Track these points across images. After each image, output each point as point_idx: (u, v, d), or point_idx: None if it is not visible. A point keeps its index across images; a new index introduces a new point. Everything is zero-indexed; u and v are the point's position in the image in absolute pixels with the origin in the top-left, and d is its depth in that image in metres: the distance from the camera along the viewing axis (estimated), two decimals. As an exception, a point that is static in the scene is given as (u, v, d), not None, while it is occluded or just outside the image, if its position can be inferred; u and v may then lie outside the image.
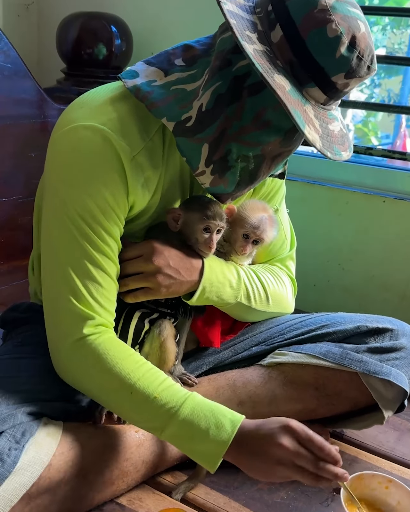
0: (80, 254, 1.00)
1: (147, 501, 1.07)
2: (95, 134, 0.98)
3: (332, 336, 1.22)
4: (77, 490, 0.99)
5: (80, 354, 1.00)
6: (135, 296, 1.09)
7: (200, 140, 1.00)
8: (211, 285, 1.13)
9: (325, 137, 0.97)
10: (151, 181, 1.05)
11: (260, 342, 1.27)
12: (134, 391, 0.96)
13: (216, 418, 0.94)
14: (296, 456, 0.90)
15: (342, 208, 1.81)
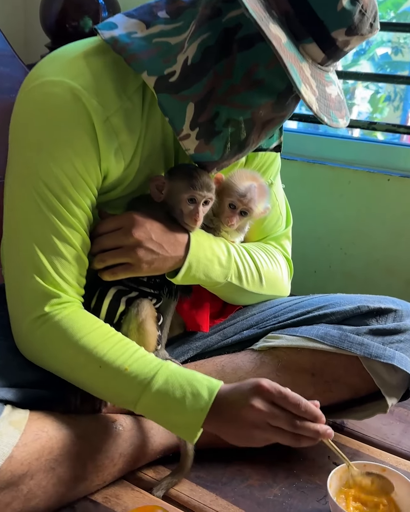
0: (46, 227, 0.91)
1: (125, 498, 0.97)
2: (63, 91, 0.88)
3: (330, 318, 1.11)
4: (44, 486, 0.89)
5: (43, 330, 0.92)
6: (113, 273, 0.99)
7: (185, 97, 0.90)
8: (198, 262, 1.03)
9: (322, 100, 0.87)
10: (128, 146, 0.95)
11: (251, 325, 1.16)
12: (103, 365, 0.89)
13: (192, 386, 0.87)
14: (270, 417, 0.84)
15: (344, 188, 1.70)
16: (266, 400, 0.85)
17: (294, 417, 0.85)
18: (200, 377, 0.89)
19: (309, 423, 0.85)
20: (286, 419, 0.84)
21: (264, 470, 1.05)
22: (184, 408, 0.86)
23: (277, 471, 1.05)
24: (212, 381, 0.88)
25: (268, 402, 0.85)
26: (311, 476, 1.04)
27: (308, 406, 0.85)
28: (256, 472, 1.05)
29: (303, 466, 1.07)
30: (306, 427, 0.85)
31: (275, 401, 0.85)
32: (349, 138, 1.83)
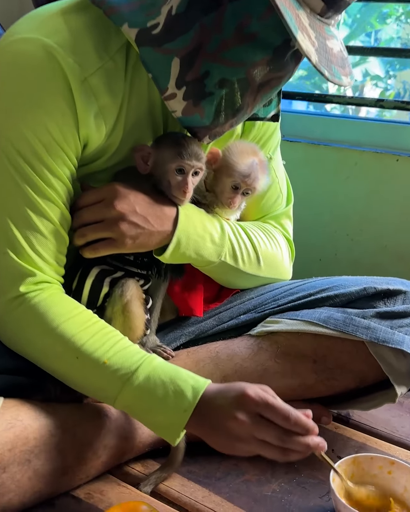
0: (20, 199, 0.85)
1: (109, 494, 0.89)
2: (36, 48, 0.81)
3: (334, 300, 1.03)
4: (18, 479, 0.81)
5: (17, 314, 0.86)
6: (94, 249, 0.92)
7: (170, 51, 0.82)
8: (188, 238, 0.95)
9: (322, 53, 0.79)
10: (109, 110, 0.87)
11: (249, 309, 1.08)
12: (80, 356, 0.82)
13: (175, 384, 0.79)
14: (254, 430, 0.76)
15: (350, 170, 1.61)
16: (252, 411, 0.77)
17: (282, 430, 0.76)
18: (185, 375, 0.81)
19: (298, 437, 0.76)
20: (273, 433, 0.76)
21: (262, 465, 0.97)
22: (166, 408, 0.79)
23: (276, 466, 0.97)
24: (198, 380, 0.81)
25: (253, 414, 0.77)
26: (313, 471, 0.96)
27: (298, 418, 0.76)
28: (253, 467, 0.96)
29: (305, 461, 0.95)
30: (296, 441, 0.76)
31: (261, 413, 0.77)
32: (355, 118, 1.75)
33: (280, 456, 0.77)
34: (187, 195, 0.93)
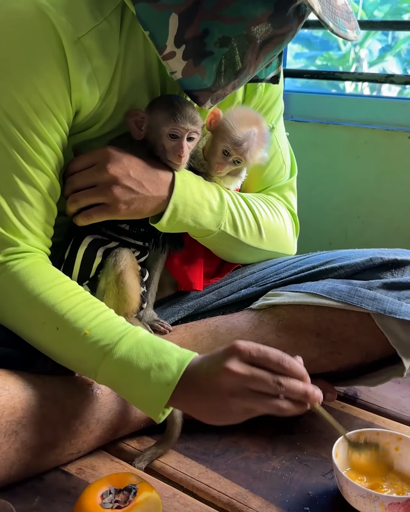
0: (7, 165, 0.82)
1: (101, 469, 0.85)
2: (27, 6, 0.78)
3: (338, 272, 0.98)
4: (5, 451, 0.78)
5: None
6: (87, 215, 0.89)
7: (168, 7, 0.79)
8: (185, 205, 0.92)
9: (325, 4, 0.75)
10: (103, 73, 0.84)
11: (250, 283, 1.04)
12: (61, 326, 0.79)
13: (159, 356, 0.75)
14: (249, 379, 0.71)
15: (361, 149, 1.57)
16: (243, 360, 0.72)
17: (277, 376, 0.71)
18: (170, 347, 0.77)
19: (295, 381, 0.71)
20: (268, 380, 0.71)
21: (262, 442, 0.93)
22: (149, 381, 0.75)
23: (277, 443, 0.92)
24: (183, 352, 0.76)
25: (245, 363, 0.72)
26: (316, 449, 0.92)
27: (292, 362, 0.72)
28: (253, 444, 0.92)
29: (308, 439, 0.94)
30: (293, 386, 0.71)
31: (253, 360, 0.72)
32: (364, 96, 1.70)
33: (278, 407, 0.71)
34: (182, 160, 0.90)
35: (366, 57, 3.31)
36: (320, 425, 0.97)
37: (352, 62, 3.27)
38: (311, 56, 3.20)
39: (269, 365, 0.71)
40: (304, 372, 0.72)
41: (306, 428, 0.96)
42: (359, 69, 3.14)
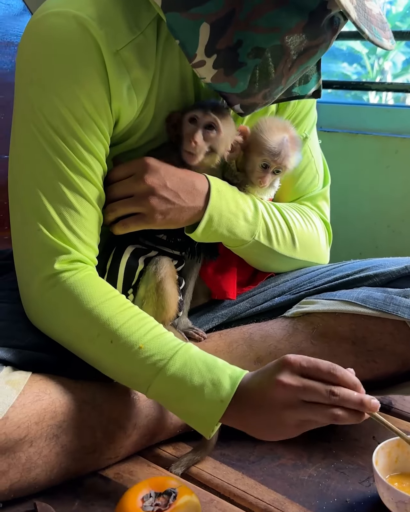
0: (53, 174, 0.83)
1: (139, 475, 0.86)
2: (68, 21, 0.80)
3: (373, 280, 0.99)
4: (46, 455, 0.79)
5: (52, 294, 0.83)
6: (124, 224, 0.90)
7: (198, 16, 0.80)
8: (220, 215, 0.93)
9: (361, 12, 0.76)
10: (141, 84, 0.86)
11: (284, 291, 1.04)
12: (115, 340, 0.79)
13: (213, 373, 0.76)
14: (301, 390, 0.71)
15: (391, 159, 1.57)
16: (295, 372, 0.73)
17: (330, 386, 0.72)
18: (222, 365, 0.78)
19: (349, 390, 0.72)
20: (320, 389, 0.71)
21: (298, 450, 0.93)
22: (202, 397, 0.75)
23: (313, 451, 0.92)
24: (235, 370, 0.77)
25: (297, 375, 0.73)
26: (352, 457, 0.91)
27: (343, 371, 0.73)
28: (289, 451, 0.92)
29: (344, 446, 0.94)
30: (347, 395, 0.71)
31: (304, 371, 0.73)
32: (392, 106, 1.70)
33: (333, 417, 0.71)
34: (196, 147, 0.88)
35: (390, 69, 3.31)
36: (356, 433, 0.97)
37: (376, 74, 3.27)
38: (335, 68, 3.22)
39: (320, 375, 0.72)
40: (356, 381, 0.72)
41: (341, 436, 0.96)
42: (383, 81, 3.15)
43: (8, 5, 1.53)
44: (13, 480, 0.77)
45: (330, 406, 0.71)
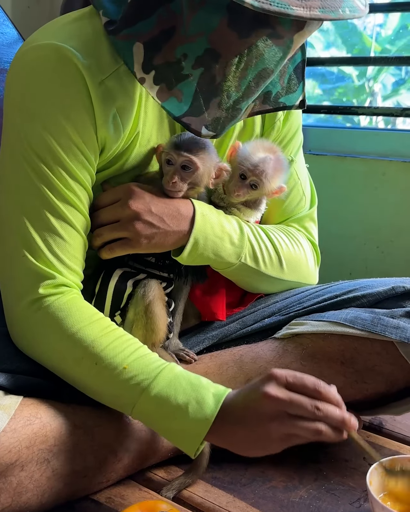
0: (39, 202, 0.85)
1: (130, 498, 0.86)
2: (53, 53, 0.83)
3: (361, 301, 1.00)
4: (37, 479, 0.79)
5: (36, 318, 0.84)
6: (111, 249, 0.92)
7: (129, 36, 0.82)
8: (205, 239, 0.94)
9: None
10: (126, 112, 0.88)
11: (273, 312, 1.06)
12: (99, 362, 0.80)
13: (197, 392, 0.77)
14: (288, 404, 0.73)
15: (378, 181, 1.60)
16: (281, 385, 0.75)
17: (315, 401, 0.74)
18: (206, 383, 0.79)
19: (332, 407, 0.74)
20: (306, 404, 0.73)
21: (289, 471, 0.93)
22: (187, 416, 0.76)
23: (304, 473, 0.93)
24: (218, 388, 0.79)
25: (283, 388, 0.75)
26: (343, 478, 0.92)
27: (328, 388, 0.75)
28: (280, 474, 0.92)
29: (334, 468, 0.94)
30: (330, 411, 0.73)
31: (290, 386, 0.75)
32: (380, 130, 1.74)
33: (316, 432, 0.73)
34: (173, 186, 0.91)
35: (380, 91, 3.36)
36: (346, 454, 0.97)
37: (366, 96, 3.32)
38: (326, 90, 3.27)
39: (305, 390, 0.74)
40: (339, 399, 0.74)
41: (332, 457, 0.96)
42: (373, 103, 3.20)
43: (2, 33, 1.56)
44: (4, 505, 0.77)
45: (314, 420, 0.72)
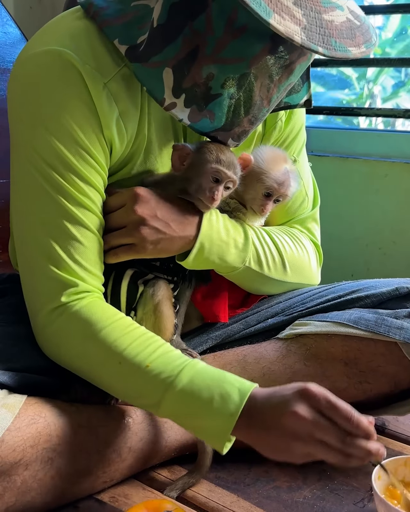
0: (54, 210, 0.84)
1: (134, 498, 0.86)
2: (53, 59, 0.83)
3: (365, 301, 1.00)
4: (41, 478, 0.79)
5: (59, 323, 0.84)
6: (115, 254, 0.91)
7: (159, 63, 0.82)
8: (211, 243, 0.94)
9: (313, 29, 0.75)
10: (130, 115, 0.88)
11: (277, 313, 1.06)
12: (123, 361, 0.80)
13: (221, 387, 0.76)
14: (315, 427, 0.71)
15: (381, 182, 1.60)
16: (312, 407, 0.73)
17: (343, 432, 0.72)
18: (230, 378, 0.78)
19: (360, 440, 0.72)
20: (334, 433, 0.71)
21: (293, 472, 0.93)
22: (211, 412, 0.75)
23: (308, 473, 0.93)
24: (244, 383, 0.77)
25: (314, 410, 0.72)
26: (346, 478, 0.92)
27: (360, 420, 0.73)
28: (284, 474, 0.93)
29: (338, 468, 0.94)
30: (357, 445, 0.72)
31: (322, 410, 0.72)
32: (381, 131, 1.74)
33: (340, 460, 0.72)
34: (214, 204, 0.91)
35: (380, 93, 3.37)
36: (350, 455, 0.97)
37: (366, 99, 3.33)
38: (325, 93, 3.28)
39: (337, 418, 0.72)
40: (370, 431, 0.72)
41: (335, 458, 0.96)
42: (372, 105, 3.20)
43: (5, 33, 1.56)
44: (8, 504, 0.77)
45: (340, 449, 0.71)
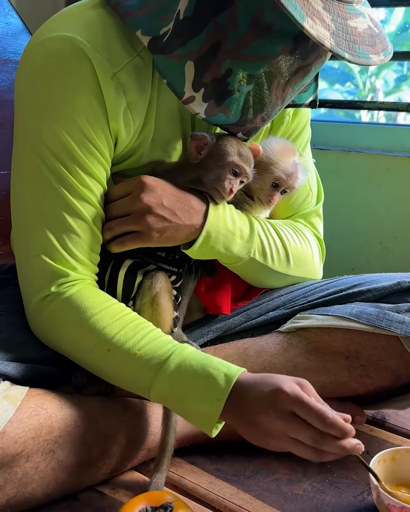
0: (54, 200, 0.85)
1: (135, 490, 0.86)
2: (64, 45, 0.82)
3: (366, 295, 1.00)
4: (42, 470, 0.79)
5: (50, 310, 0.86)
6: (121, 242, 0.91)
7: (182, 56, 0.82)
8: (217, 233, 0.94)
9: (340, 35, 0.77)
10: (138, 106, 0.88)
11: (278, 306, 1.06)
12: (112, 348, 0.81)
13: (207, 372, 0.76)
14: (287, 428, 0.72)
15: (383, 176, 1.60)
16: (285, 409, 0.72)
17: (317, 432, 0.71)
18: (217, 363, 0.78)
19: (334, 439, 0.72)
20: (306, 434, 0.72)
21: (293, 464, 0.93)
22: (199, 396, 0.77)
23: (308, 466, 0.93)
24: (231, 367, 0.78)
25: (287, 412, 0.72)
26: (346, 472, 0.92)
27: (335, 420, 0.71)
28: (284, 466, 0.93)
29: (338, 461, 0.90)
30: (330, 444, 0.72)
31: (295, 411, 0.72)
32: (384, 124, 1.74)
33: (313, 456, 0.73)
34: (229, 196, 0.92)
35: (382, 87, 3.35)
36: (350, 448, 0.97)
37: (368, 93, 3.32)
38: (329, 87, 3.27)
39: (310, 420, 0.71)
40: (347, 429, 0.71)
41: (335, 451, 0.97)
42: (374, 99, 3.19)
43: (6, 23, 1.55)
44: (9, 495, 0.77)
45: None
